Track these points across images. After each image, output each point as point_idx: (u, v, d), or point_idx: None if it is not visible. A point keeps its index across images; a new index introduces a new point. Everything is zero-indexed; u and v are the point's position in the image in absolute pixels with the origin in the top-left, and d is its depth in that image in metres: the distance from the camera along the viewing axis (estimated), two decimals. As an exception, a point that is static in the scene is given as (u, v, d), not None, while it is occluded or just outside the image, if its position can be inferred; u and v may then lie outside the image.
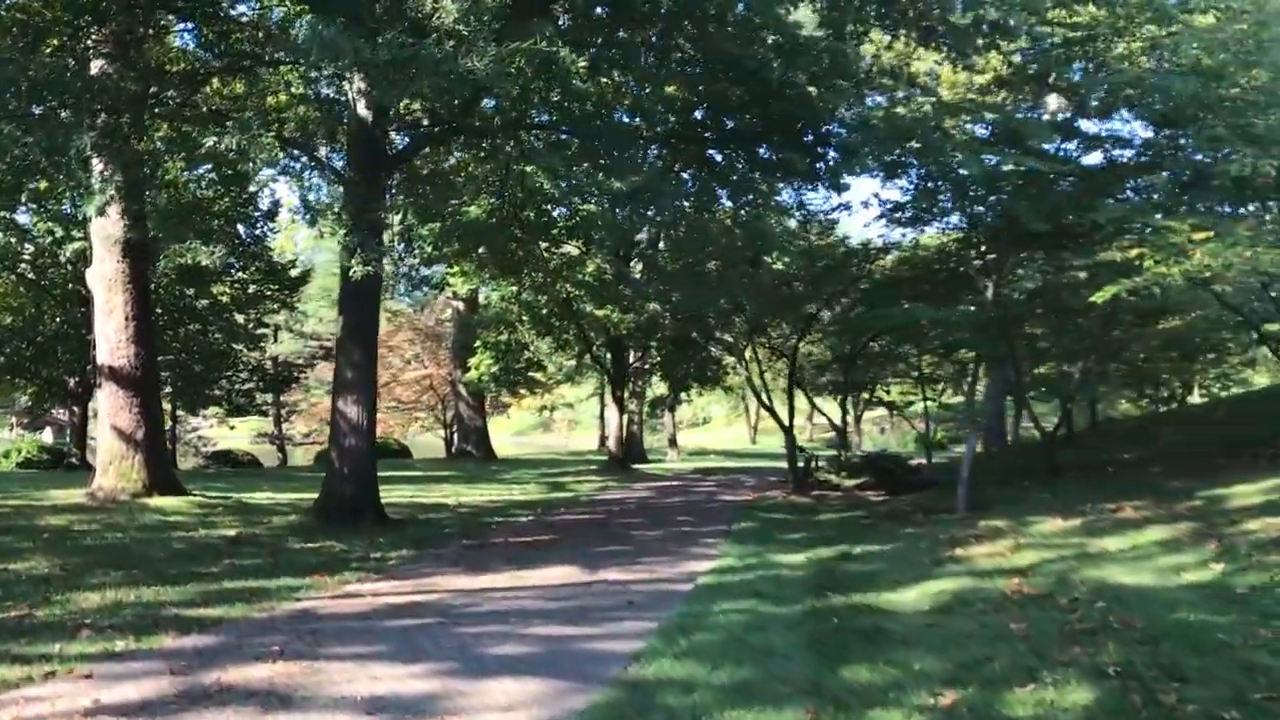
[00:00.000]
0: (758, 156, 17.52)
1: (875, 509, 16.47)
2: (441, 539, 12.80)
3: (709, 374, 31.48)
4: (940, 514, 13.79)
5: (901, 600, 7.74)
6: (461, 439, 39.81)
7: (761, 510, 17.03)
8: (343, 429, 14.44)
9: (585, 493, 21.63)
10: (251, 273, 31.69)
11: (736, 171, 17.74)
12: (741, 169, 17.55)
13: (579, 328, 28.75)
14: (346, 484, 14.36)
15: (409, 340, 46.97)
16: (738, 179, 18.32)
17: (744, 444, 62.07)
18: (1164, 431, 20.08)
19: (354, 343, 14.51)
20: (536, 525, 14.53)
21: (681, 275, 25.59)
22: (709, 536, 13.12)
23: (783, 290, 21.15)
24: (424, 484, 24.34)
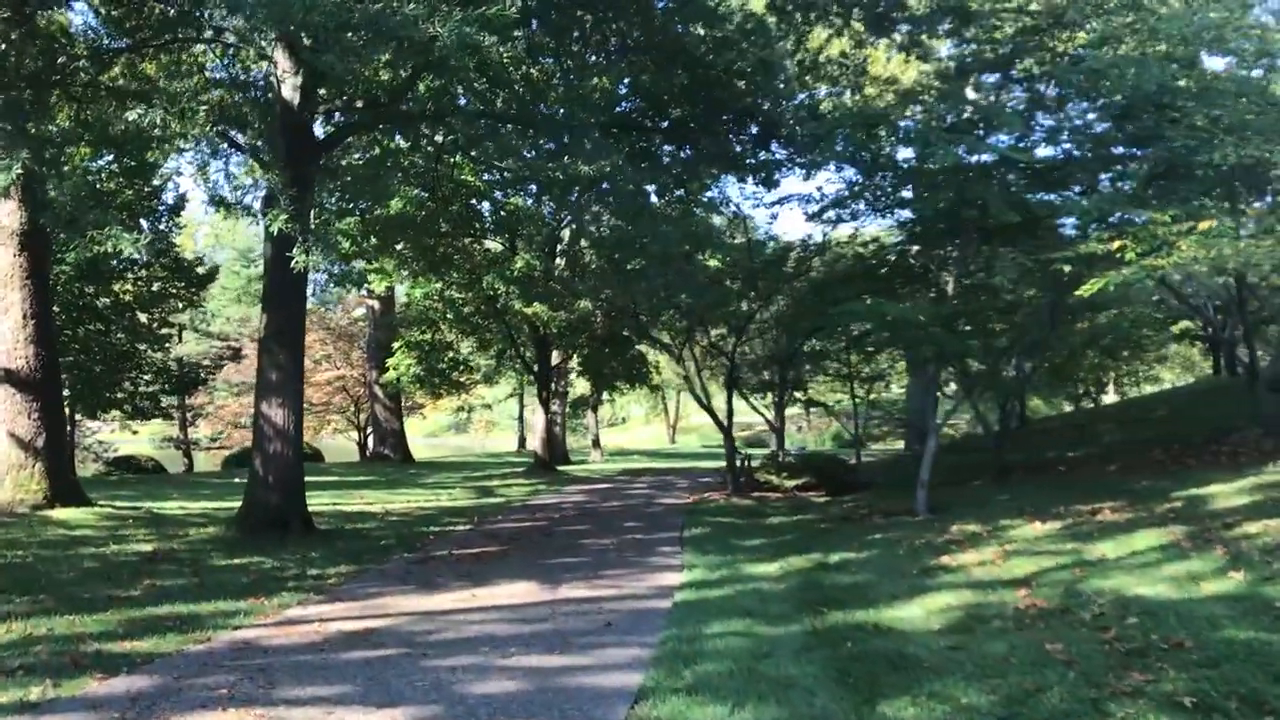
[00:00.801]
0: (701, 147, 16.95)
1: (826, 511, 15.99)
2: (379, 552, 11.92)
3: (637, 373, 30.79)
4: (899, 516, 13.36)
5: (907, 617, 7.17)
6: (377, 442, 38.54)
7: (707, 514, 16.43)
8: (267, 434, 13.45)
9: (517, 497, 20.81)
10: (155, 270, 30.16)
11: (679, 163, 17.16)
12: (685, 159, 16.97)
13: (504, 326, 27.86)
14: (271, 493, 13.38)
15: (320, 340, 45.40)
16: (679, 171, 17.74)
17: (663, 444, 61.70)
18: (1103, 429, 20.03)
19: (279, 342, 13.53)
20: (478, 535, 13.71)
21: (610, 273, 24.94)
22: (664, 545, 12.47)
23: (725, 285, 20.57)
24: (343, 490, 23.24)
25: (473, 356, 34.85)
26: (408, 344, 28.49)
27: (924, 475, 13.45)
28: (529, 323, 26.99)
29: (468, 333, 29.09)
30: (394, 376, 29.93)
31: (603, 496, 20.80)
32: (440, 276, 24.30)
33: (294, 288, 13.71)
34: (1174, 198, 10.50)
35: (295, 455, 13.62)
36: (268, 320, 13.63)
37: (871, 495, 18.16)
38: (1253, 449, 13.12)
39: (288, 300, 13.67)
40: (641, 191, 16.50)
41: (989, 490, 14.79)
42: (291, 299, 13.73)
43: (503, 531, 14.10)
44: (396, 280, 27.77)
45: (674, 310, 21.29)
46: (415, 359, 28.45)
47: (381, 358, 32.68)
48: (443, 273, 23.64)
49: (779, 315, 21.13)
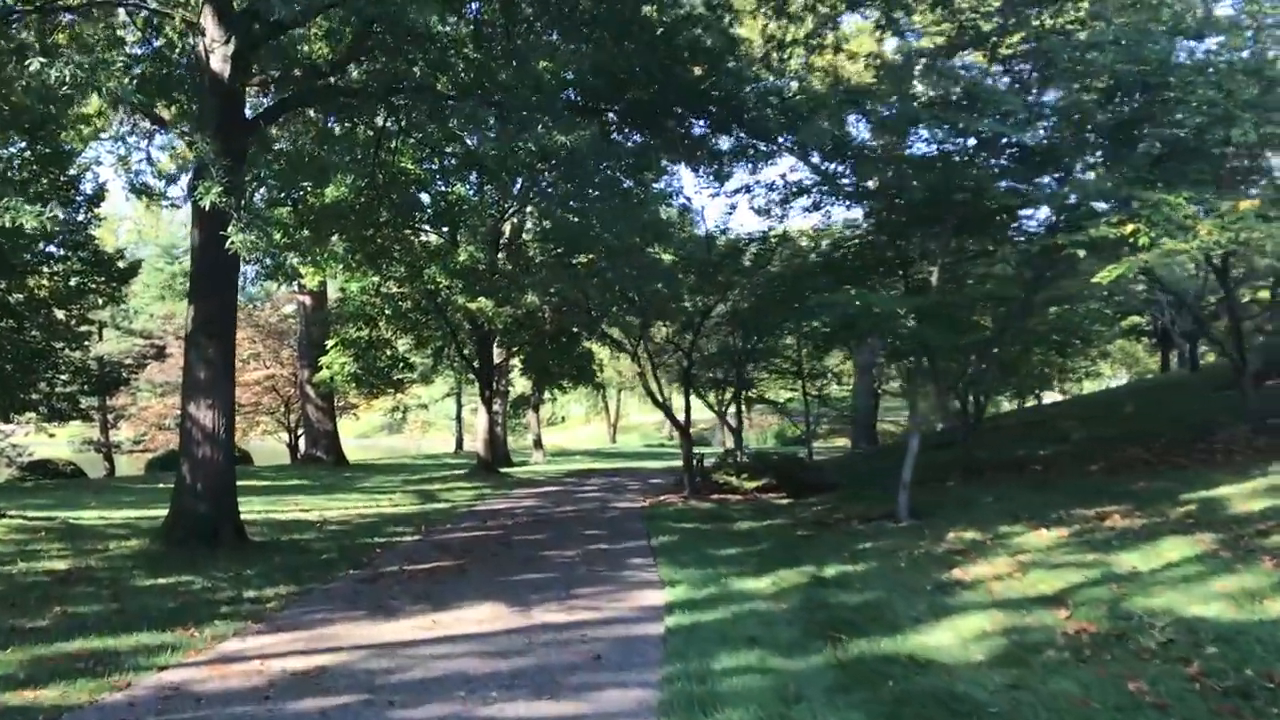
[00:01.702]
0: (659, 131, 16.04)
1: (794, 515, 15.18)
2: (322, 568, 10.78)
3: (583, 371, 29.77)
4: (880, 522, 12.55)
5: (941, 645, 6.30)
6: (310, 444, 37.02)
7: (668, 519, 15.53)
8: (195, 437, 12.24)
9: (463, 503, 19.71)
10: (73, 263, 28.44)
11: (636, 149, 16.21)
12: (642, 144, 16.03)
13: (445, 322, 26.66)
14: (200, 501, 12.19)
15: (249, 338, 43.65)
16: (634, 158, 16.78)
17: (604, 443, 60.73)
18: (1067, 426, 19.49)
19: (208, 337, 12.32)
20: (429, 547, 12.61)
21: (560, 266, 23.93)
22: (634, 556, 11.53)
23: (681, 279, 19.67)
24: (276, 495, 21.93)
25: (411, 354, 33.59)
26: (343, 341, 27.17)
27: (905, 477, 12.67)
28: (471, 318, 25.86)
29: (406, 329, 27.82)
30: (328, 376, 28.57)
31: (554, 501, 19.79)
32: (378, 270, 23.04)
33: (225, 274, 12.52)
34: (1183, 180, 9.81)
35: (226, 460, 12.43)
36: (195, 312, 12.42)
37: (837, 497, 17.41)
38: (1245, 446, 12.55)
39: (218, 288, 12.47)
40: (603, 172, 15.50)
41: (966, 491, 14.05)
42: (222, 287, 12.53)
43: (455, 542, 13.02)
44: (330, 274, 26.45)
45: (629, 304, 20.34)
46: (351, 357, 27.13)
47: (314, 356, 31.29)
48: (381, 265, 22.38)
49: (738, 310, 20.26)
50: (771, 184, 16.88)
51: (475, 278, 23.03)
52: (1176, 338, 28.28)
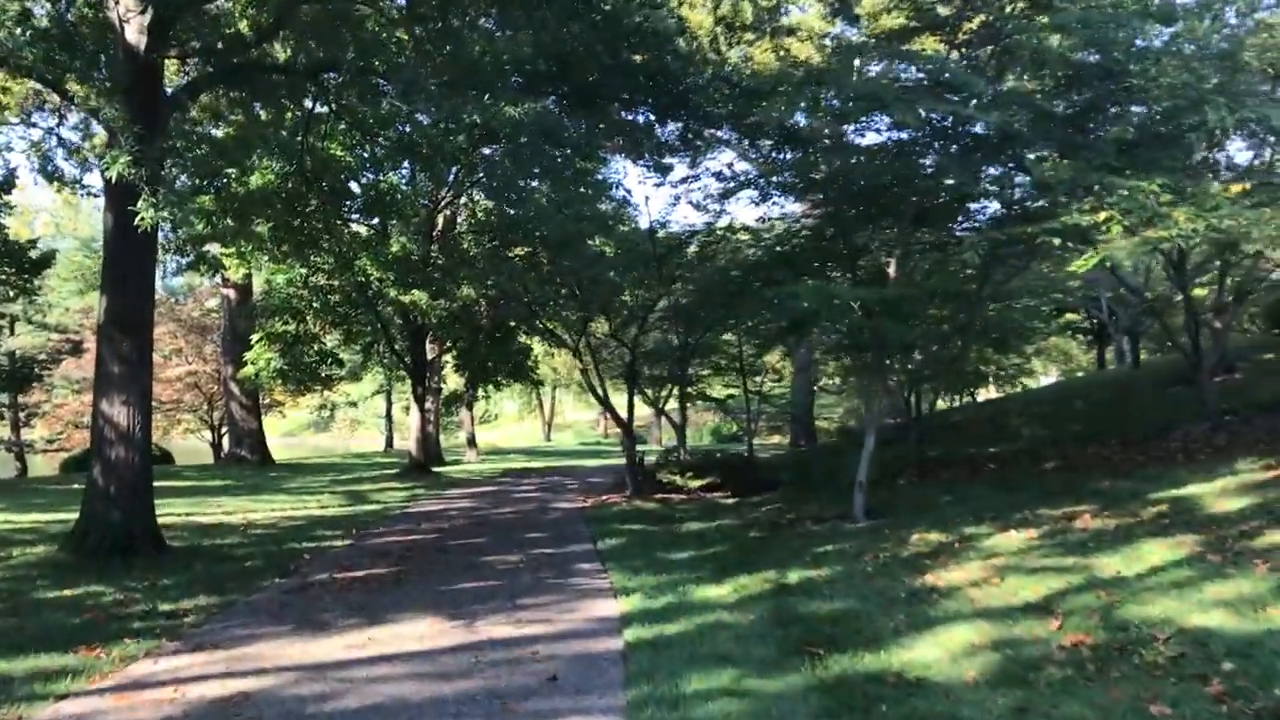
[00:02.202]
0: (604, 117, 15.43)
1: (743, 515, 14.68)
2: (246, 577, 10.01)
3: (519, 367, 28.99)
4: (836, 523, 12.11)
5: (929, 661, 5.81)
6: (234, 443, 35.73)
7: (613, 520, 14.95)
8: (108, 437, 11.38)
9: (395, 504, 18.92)
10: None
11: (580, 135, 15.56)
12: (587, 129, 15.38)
13: (376, 316, 25.74)
14: (113, 507, 11.32)
15: (170, 333, 42.12)
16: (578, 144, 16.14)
17: (539, 441, 59.93)
18: (1016, 424, 19.32)
19: (122, 328, 11.47)
20: (361, 553, 11.87)
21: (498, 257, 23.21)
22: (580, 560, 10.92)
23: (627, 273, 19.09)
24: (198, 496, 20.95)
25: (340, 350, 32.56)
26: (268, 336, 26.09)
27: (861, 476, 12.23)
28: (404, 312, 24.99)
29: (335, 323, 26.82)
30: (253, 372, 27.44)
31: (491, 502, 19.10)
32: (306, 261, 22.08)
33: (140, 261, 11.67)
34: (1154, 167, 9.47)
35: (142, 461, 11.57)
36: (108, 302, 11.54)
37: (783, 496, 16.99)
38: (1205, 444, 12.34)
39: (132, 277, 11.61)
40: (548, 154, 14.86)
41: (921, 490, 13.71)
42: (137, 275, 11.67)
43: (389, 548, 12.29)
44: (255, 266, 25.39)
45: (570, 298, 19.70)
46: (277, 352, 26.06)
47: (238, 351, 30.12)
48: (309, 256, 21.43)
49: (682, 304, 19.71)
50: (719, 173, 16.35)
51: (408, 269, 22.19)
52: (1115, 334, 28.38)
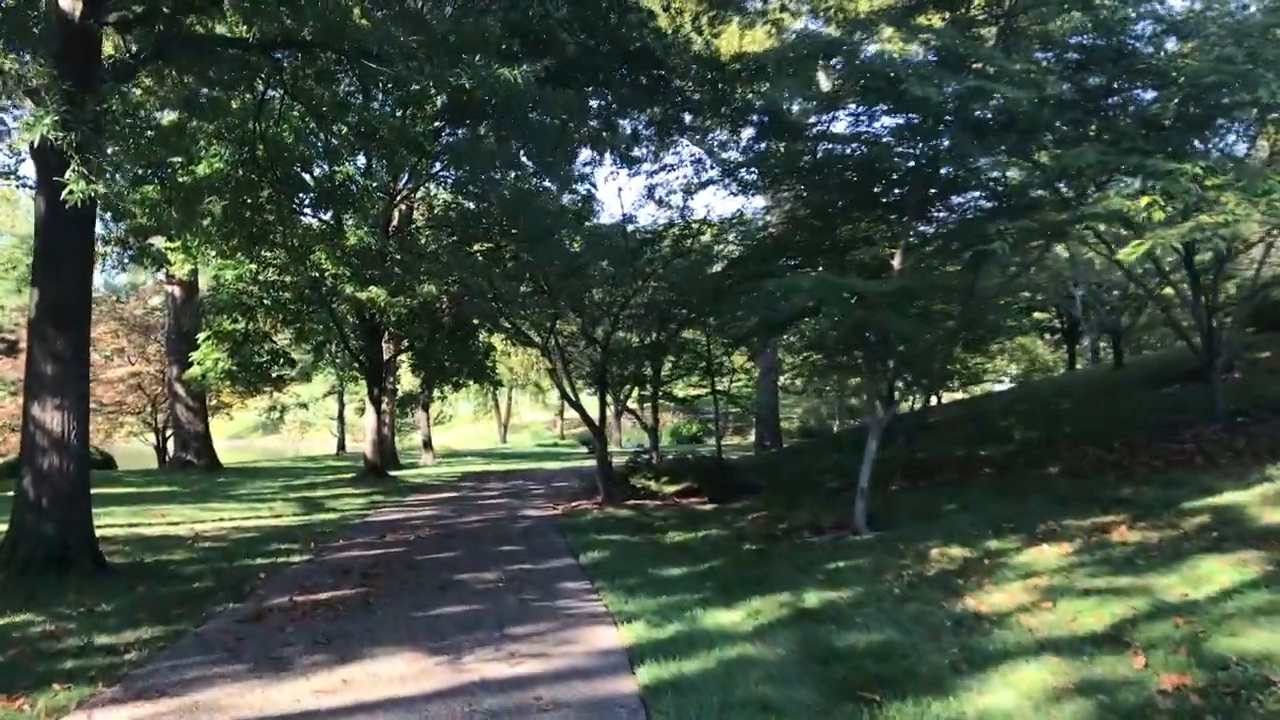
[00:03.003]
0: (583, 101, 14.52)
1: (727, 523, 13.85)
2: (195, 601, 8.95)
3: (480, 367, 27.96)
4: (837, 534, 11.30)
5: (1007, 709, 4.95)
6: (179, 446, 34.27)
7: (589, 529, 14.03)
8: (40, 444, 10.26)
9: (354, 512, 17.85)
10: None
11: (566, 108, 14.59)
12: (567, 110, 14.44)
13: (330, 314, 24.57)
14: (46, 519, 10.21)
15: (111, 333, 40.47)
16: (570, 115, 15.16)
17: (495, 443, 58.80)
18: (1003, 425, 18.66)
19: (55, 325, 10.35)
20: (323, 570, 10.83)
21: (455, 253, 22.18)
22: (565, 577, 10.00)
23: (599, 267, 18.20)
24: (142, 504, 19.74)
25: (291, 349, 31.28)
26: (216, 335, 24.84)
27: (863, 483, 11.43)
28: (359, 310, 23.87)
29: (287, 321, 25.61)
30: (199, 372, 26.17)
31: (455, 509, 18.09)
32: (256, 255, 20.90)
33: (74, 247, 10.54)
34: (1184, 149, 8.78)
35: (78, 470, 10.46)
36: (40, 296, 10.41)
37: (763, 501, 16.19)
38: (1222, 446, 11.65)
39: (67, 267, 10.46)
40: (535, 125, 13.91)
41: (919, 497, 12.93)
42: (72, 263, 10.53)
43: (352, 563, 11.27)
44: (202, 261, 24.11)
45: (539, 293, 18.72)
46: (225, 352, 24.82)
47: (183, 351, 28.78)
48: (259, 250, 20.25)
49: (658, 300, 18.83)
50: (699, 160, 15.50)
51: (366, 263, 21.07)
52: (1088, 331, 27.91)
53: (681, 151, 18.08)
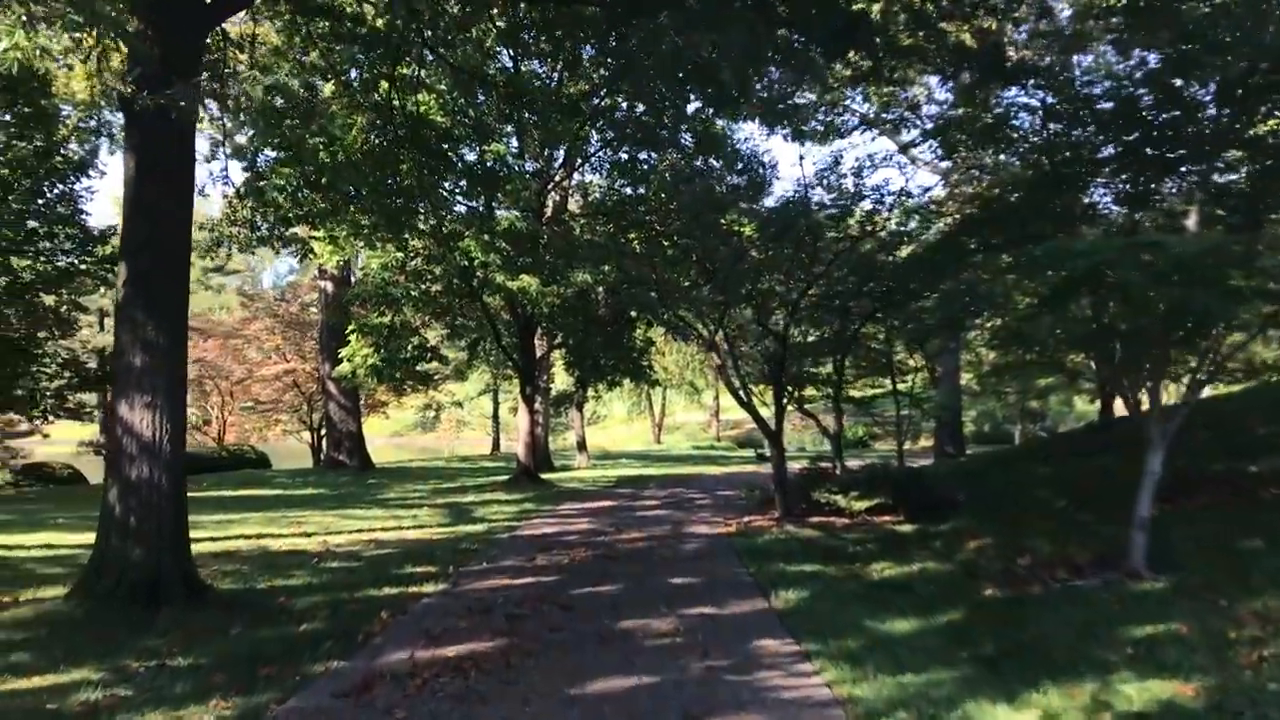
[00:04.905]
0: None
1: (941, 551, 11.35)
2: (293, 655, 6.97)
3: (636, 365, 25.90)
4: (1109, 576, 8.69)
5: None
6: (332, 446, 33.49)
7: (773, 556, 11.69)
8: (128, 450, 8.57)
9: (502, 523, 15.99)
10: (60, 241, 25.00)
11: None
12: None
13: (482, 307, 22.88)
14: (133, 542, 8.51)
15: (268, 330, 40.25)
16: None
17: (649, 444, 56.94)
18: (1263, 432, 15.48)
19: (146, 309, 8.65)
20: (457, 610, 8.78)
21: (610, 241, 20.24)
22: (761, 633, 7.68)
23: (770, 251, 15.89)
24: (280, 509, 18.44)
25: (443, 345, 29.97)
26: (361, 328, 23.50)
27: (1143, 510, 8.80)
28: (511, 301, 22.12)
29: (436, 314, 24.10)
30: (349, 369, 24.98)
31: (614, 521, 16.01)
32: (400, 239, 19.27)
33: (169, 216, 8.83)
34: None
35: (172, 482, 8.74)
36: (128, 274, 8.74)
37: (971, 521, 13.59)
38: None
39: (158, 236, 8.77)
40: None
41: (1195, 525, 10.14)
42: (165, 234, 8.82)
43: (496, 598, 9.24)
44: (349, 251, 22.77)
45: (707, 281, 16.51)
46: (371, 346, 23.47)
47: (335, 348, 27.74)
48: (403, 232, 18.60)
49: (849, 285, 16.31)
50: (899, 116, 13.00)
51: (517, 249, 19.23)
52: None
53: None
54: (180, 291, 9.02)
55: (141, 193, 8.66)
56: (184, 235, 9.11)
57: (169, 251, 8.80)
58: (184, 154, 9.05)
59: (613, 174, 23.12)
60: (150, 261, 8.68)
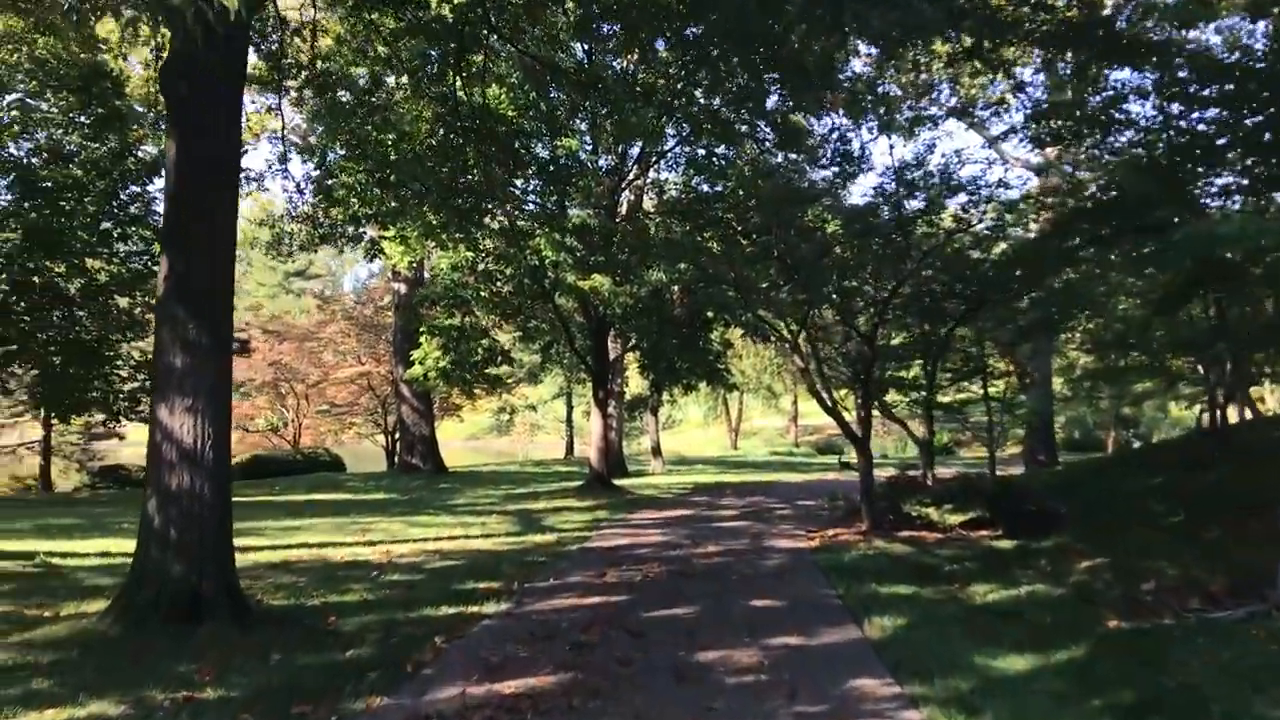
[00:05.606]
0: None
1: (1047, 571, 10.34)
2: (334, 687, 6.22)
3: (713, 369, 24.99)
4: (1249, 605, 7.66)
5: None
6: (405, 449, 33.19)
7: (862, 575, 10.75)
8: (167, 457, 7.97)
9: (572, 533, 15.27)
10: (134, 241, 24.98)
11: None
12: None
13: (554, 308, 22.20)
14: (173, 555, 7.90)
15: (343, 332, 40.17)
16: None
17: (725, 450, 55.92)
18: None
19: (188, 305, 8.05)
20: (520, 633, 8.02)
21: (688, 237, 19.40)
22: (857, 669, 6.77)
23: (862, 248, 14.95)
24: (347, 514, 18.01)
25: (516, 350, 29.39)
26: (430, 330, 22.99)
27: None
28: (583, 302, 21.41)
29: (507, 316, 23.50)
30: (420, 372, 24.51)
31: (689, 533, 15.18)
32: (469, 235, 18.63)
33: (212, 203, 8.22)
34: None
35: (215, 492, 8.11)
36: (169, 266, 8.15)
37: (1078, 537, 12.57)
38: None
39: (202, 224, 8.16)
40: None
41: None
42: (209, 222, 8.21)
43: (560, 621, 8.48)
44: (422, 252, 22.25)
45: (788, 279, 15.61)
46: (441, 349, 22.96)
47: (407, 350, 27.35)
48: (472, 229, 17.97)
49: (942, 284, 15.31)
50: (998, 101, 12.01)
51: (589, 246, 18.49)
52: None
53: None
54: (225, 288, 8.42)
55: (182, 182, 8.09)
56: (228, 229, 8.50)
57: (212, 245, 8.19)
58: (229, 142, 8.46)
59: (689, 171, 22.31)
60: (192, 256, 8.08)
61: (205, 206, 8.11)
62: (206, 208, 8.12)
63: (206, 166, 8.09)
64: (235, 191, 8.57)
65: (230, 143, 8.46)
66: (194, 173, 8.06)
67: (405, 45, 13.13)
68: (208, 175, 8.08)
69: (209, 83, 7.81)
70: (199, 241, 8.11)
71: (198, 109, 8.00)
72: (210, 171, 8.10)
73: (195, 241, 8.10)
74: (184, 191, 8.12)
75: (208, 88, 7.97)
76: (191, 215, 8.11)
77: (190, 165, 8.06)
